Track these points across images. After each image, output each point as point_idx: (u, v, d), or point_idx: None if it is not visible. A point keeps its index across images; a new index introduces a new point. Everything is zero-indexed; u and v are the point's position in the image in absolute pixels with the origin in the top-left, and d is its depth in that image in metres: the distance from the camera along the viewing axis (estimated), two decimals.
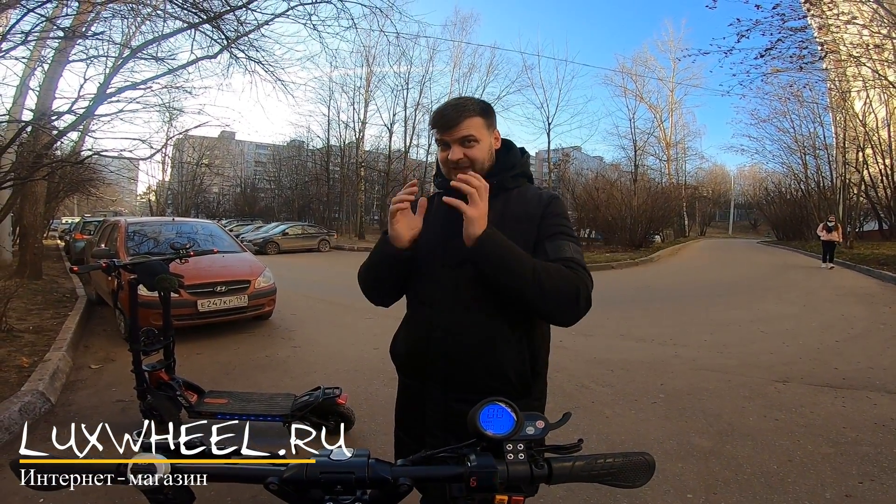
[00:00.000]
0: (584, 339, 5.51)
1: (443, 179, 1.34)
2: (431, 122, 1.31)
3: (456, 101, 1.30)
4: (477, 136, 1.27)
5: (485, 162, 1.30)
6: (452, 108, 1.27)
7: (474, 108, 1.28)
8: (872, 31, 11.27)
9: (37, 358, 4.22)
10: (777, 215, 33.42)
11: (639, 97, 36.95)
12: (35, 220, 9.27)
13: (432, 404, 1.31)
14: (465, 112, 1.26)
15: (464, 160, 1.27)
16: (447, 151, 1.28)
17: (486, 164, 1.30)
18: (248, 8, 7.01)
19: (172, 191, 42.23)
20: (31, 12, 4.73)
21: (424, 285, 1.32)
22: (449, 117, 1.26)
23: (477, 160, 1.28)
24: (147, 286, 3.06)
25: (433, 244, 1.31)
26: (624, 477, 0.75)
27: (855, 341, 5.57)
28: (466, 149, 1.27)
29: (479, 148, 1.28)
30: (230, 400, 3.17)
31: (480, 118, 1.28)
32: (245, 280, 5.86)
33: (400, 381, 1.45)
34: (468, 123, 1.26)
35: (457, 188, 1.18)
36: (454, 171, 1.27)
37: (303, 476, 0.69)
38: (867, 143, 19.39)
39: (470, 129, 1.26)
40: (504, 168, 1.34)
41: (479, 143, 1.28)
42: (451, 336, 1.27)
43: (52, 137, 6.81)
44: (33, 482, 0.70)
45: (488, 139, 1.31)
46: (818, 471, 2.68)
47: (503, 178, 1.32)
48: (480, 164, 1.29)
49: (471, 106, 1.28)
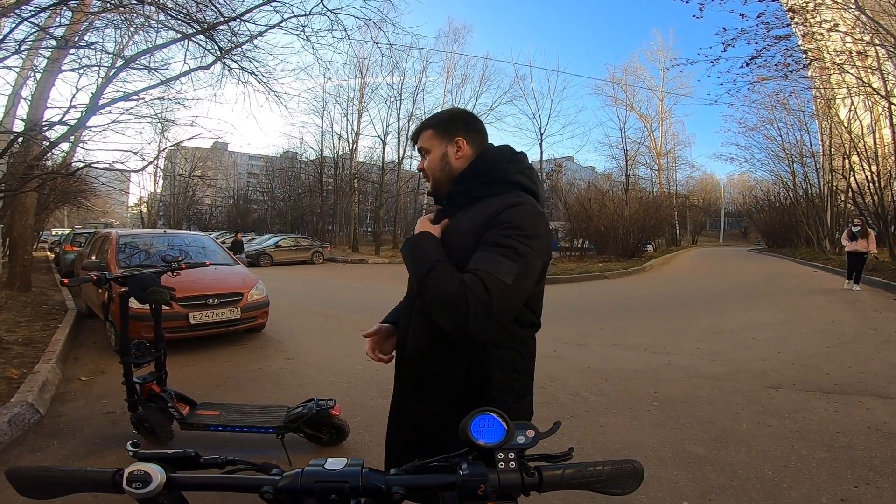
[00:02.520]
0: (577, 349, 5.52)
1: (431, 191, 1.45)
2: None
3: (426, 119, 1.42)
4: (427, 147, 1.37)
5: (437, 172, 1.36)
6: (419, 125, 1.40)
7: (430, 122, 1.38)
8: (855, 38, 11.48)
9: (26, 370, 4.17)
10: (767, 223, 33.74)
11: (629, 107, 37.36)
12: (25, 231, 9.20)
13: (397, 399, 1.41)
14: (422, 126, 1.39)
15: (424, 171, 1.39)
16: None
17: (439, 175, 1.36)
18: (241, 19, 7.06)
19: (164, 202, 42.06)
20: (26, 21, 4.72)
21: (413, 300, 1.37)
22: (414, 132, 1.42)
23: (430, 170, 1.37)
24: (138, 299, 3.05)
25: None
26: (613, 484, 0.76)
27: (846, 347, 5.63)
28: (424, 160, 1.38)
29: (430, 158, 1.36)
30: (223, 412, 3.14)
31: (432, 130, 1.37)
32: (237, 292, 5.83)
33: (395, 395, 1.45)
34: (422, 136, 1.38)
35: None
36: (424, 179, 1.44)
37: (297, 485, 0.69)
38: (853, 150, 19.65)
39: (422, 142, 1.38)
40: (469, 176, 1.31)
41: (430, 152, 1.36)
42: (407, 335, 1.35)
43: (43, 148, 6.79)
44: (27, 491, 0.70)
45: (440, 150, 1.35)
46: (813, 476, 2.70)
47: (468, 186, 1.29)
48: (433, 175, 1.37)
49: (429, 120, 1.39)
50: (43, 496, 0.71)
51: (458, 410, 1.02)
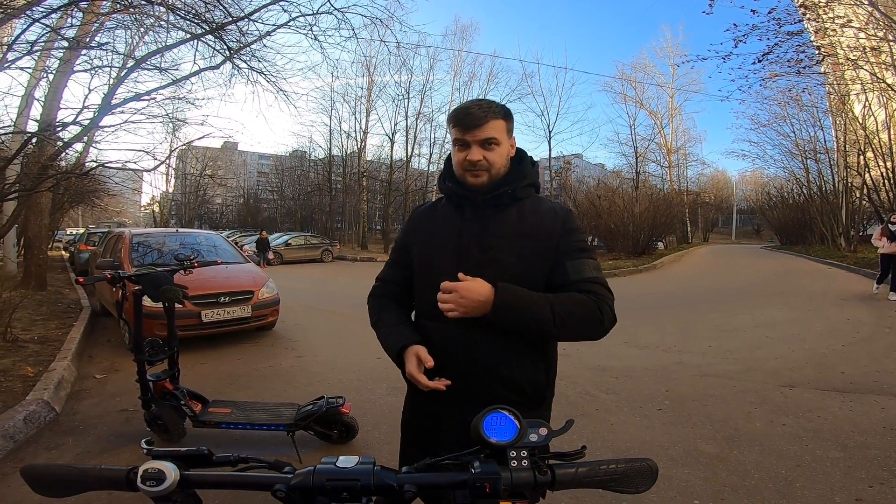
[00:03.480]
0: (587, 347, 5.49)
1: (453, 184, 1.31)
2: (453, 120, 1.25)
3: (480, 101, 1.26)
4: (499, 139, 1.24)
5: (501, 168, 1.26)
6: (478, 108, 1.23)
7: (499, 111, 1.25)
8: (868, 33, 11.30)
9: (41, 368, 4.24)
10: (780, 220, 33.33)
11: (639, 104, 37.00)
12: (40, 231, 9.34)
13: (447, 419, 1.27)
14: (490, 113, 1.22)
15: (483, 162, 1.23)
16: (465, 151, 1.24)
17: (502, 170, 1.27)
18: (249, 19, 7.09)
19: (176, 202, 42.47)
20: (37, 22, 4.77)
21: (435, 300, 1.22)
22: (474, 116, 1.21)
23: (495, 164, 1.24)
24: (151, 297, 3.07)
25: (443, 256, 1.28)
26: (627, 482, 0.75)
27: (861, 345, 5.55)
28: (487, 151, 1.23)
29: (499, 152, 1.25)
30: (234, 409, 3.16)
31: (503, 121, 1.25)
32: (248, 291, 5.87)
33: (409, 395, 1.41)
34: (493, 125, 1.22)
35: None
36: (469, 173, 1.25)
37: (309, 483, 0.70)
38: (868, 147, 19.33)
39: (493, 132, 1.23)
40: (517, 177, 1.30)
41: (500, 146, 1.25)
42: (467, 353, 1.24)
43: (57, 149, 6.88)
44: (43, 489, 0.71)
45: (507, 144, 1.28)
46: (827, 475, 2.66)
47: (515, 188, 1.29)
48: (497, 169, 1.25)
49: (496, 108, 1.25)
50: (58, 494, 0.72)
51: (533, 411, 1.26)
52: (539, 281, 1.25)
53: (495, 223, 1.27)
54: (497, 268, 1.22)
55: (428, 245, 1.33)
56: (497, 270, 1.21)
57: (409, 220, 1.46)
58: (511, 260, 1.24)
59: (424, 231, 1.36)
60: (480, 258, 1.24)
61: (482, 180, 1.25)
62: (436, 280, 1.22)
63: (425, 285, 1.31)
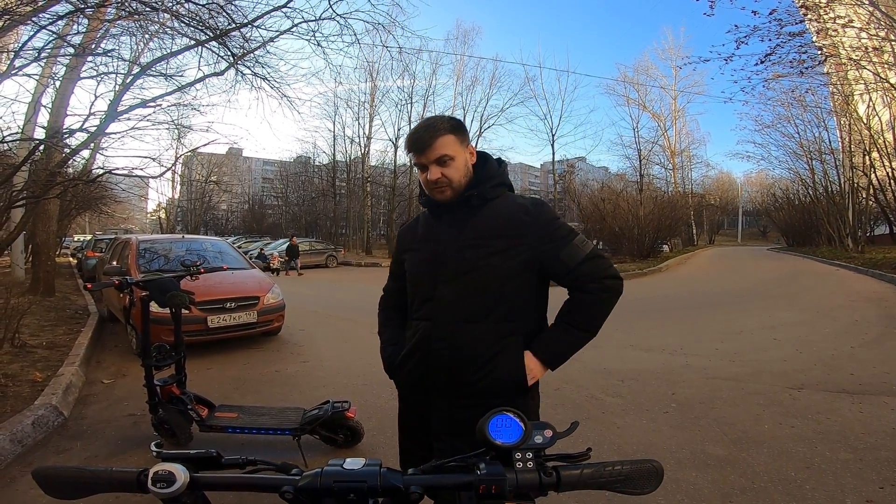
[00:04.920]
0: (592, 350, 5.45)
1: (427, 199, 1.40)
2: (406, 146, 1.36)
3: (427, 123, 1.34)
4: (451, 153, 1.31)
5: (461, 179, 1.33)
6: (424, 130, 1.31)
7: (445, 127, 1.31)
8: (870, 33, 11.25)
9: (50, 373, 4.26)
10: (786, 222, 33.17)
11: (642, 106, 37.05)
12: (48, 237, 9.43)
13: (437, 413, 1.36)
14: (436, 132, 1.30)
15: (442, 179, 1.31)
16: (425, 172, 1.32)
17: (463, 181, 1.34)
18: (253, 25, 7.13)
19: (182, 208, 42.73)
20: (44, 29, 4.82)
21: (423, 302, 1.38)
22: (422, 139, 1.30)
23: (454, 179, 1.32)
24: (158, 303, 3.10)
25: (428, 264, 1.37)
26: (632, 484, 0.75)
27: (870, 347, 5.50)
28: (444, 168, 1.31)
29: (455, 166, 1.32)
30: (240, 414, 3.18)
31: (452, 135, 1.32)
32: (254, 296, 5.89)
33: (400, 395, 1.50)
34: (441, 143, 1.29)
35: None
36: (435, 190, 1.33)
37: (317, 485, 0.70)
38: (873, 147, 19.22)
39: (444, 149, 1.30)
40: (482, 180, 1.37)
41: (455, 160, 1.31)
42: (452, 349, 1.32)
43: (64, 155, 6.93)
44: (54, 491, 0.72)
45: (463, 155, 1.34)
46: (837, 477, 2.64)
47: (483, 190, 1.35)
48: (458, 181, 1.33)
49: (441, 125, 1.32)
50: (69, 496, 0.73)
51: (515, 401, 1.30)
52: (516, 271, 1.32)
53: (470, 225, 1.34)
54: (475, 276, 1.31)
55: (414, 254, 1.44)
56: (474, 279, 1.31)
57: (397, 236, 1.59)
58: (487, 260, 1.31)
59: (410, 243, 1.47)
60: (458, 264, 1.32)
61: (447, 195, 1.34)
62: (420, 286, 1.38)
63: (413, 291, 1.43)
